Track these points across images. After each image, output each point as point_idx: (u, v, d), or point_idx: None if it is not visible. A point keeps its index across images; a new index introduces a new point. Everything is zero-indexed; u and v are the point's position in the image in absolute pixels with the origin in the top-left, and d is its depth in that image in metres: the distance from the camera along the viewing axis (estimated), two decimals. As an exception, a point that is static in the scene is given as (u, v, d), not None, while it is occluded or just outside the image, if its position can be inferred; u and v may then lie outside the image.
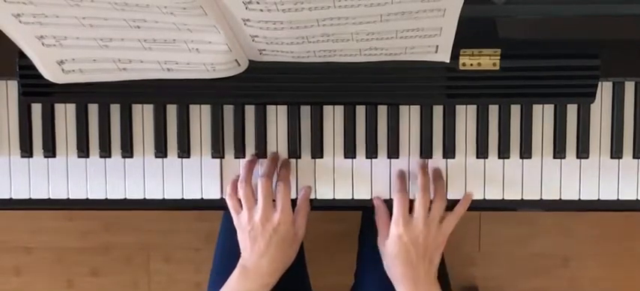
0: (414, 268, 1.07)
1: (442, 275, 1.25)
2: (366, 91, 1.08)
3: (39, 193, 1.15)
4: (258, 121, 1.13)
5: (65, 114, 1.13)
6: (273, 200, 1.09)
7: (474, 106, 1.12)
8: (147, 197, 1.15)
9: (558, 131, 1.12)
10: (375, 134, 1.12)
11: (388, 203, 1.12)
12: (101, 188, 1.14)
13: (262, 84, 1.07)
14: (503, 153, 1.12)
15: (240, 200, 1.10)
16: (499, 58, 1.04)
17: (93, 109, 1.13)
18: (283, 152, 1.13)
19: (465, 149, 1.13)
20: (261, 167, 1.12)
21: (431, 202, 1.09)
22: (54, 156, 1.14)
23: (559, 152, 1.12)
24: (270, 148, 1.13)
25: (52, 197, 1.15)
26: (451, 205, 1.11)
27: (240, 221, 1.10)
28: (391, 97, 1.09)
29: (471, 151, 1.13)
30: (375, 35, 0.95)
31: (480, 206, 1.14)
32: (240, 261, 1.11)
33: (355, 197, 1.14)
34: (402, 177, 1.12)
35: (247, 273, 1.10)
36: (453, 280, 1.32)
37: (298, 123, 1.13)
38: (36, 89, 1.07)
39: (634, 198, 1.13)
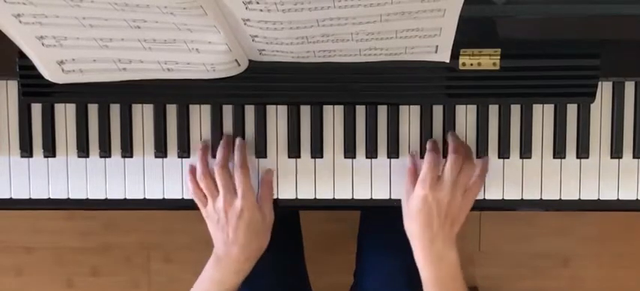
0: (432, 228, 1.05)
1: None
2: (366, 91, 1.08)
3: (39, 193, 1.15)
4: (258, 121, 1.13)
5: (65, 114, 1.13)
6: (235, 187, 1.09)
7: (474, 106, 1.12)
8: (147, 197, 1.15)
9: (558, 131, 1.12)
10: (375, 134, 1.12)
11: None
12: (101, 188, 1.14)
13: (262, 84, 1.07)
14: (503, 153, 1.12)
15: (204, 193, 1.10)
16: (499, 58, 1.04)
17: (93, 109, 1.13)
18: (283, 152, 1.13)
19: (464, 149, 1.13)
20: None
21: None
22: (54, 156, 1.14)
23: (559, 152, 1.12)
24: (270, 148, 1.13)
25: (52, 197, 1.15)
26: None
27: (207, 212, 1.10)
28: (391, 97, 1.09)
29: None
30: (375, 35, 0.95)
31: (479, 206, 1.14)
32: (214, 250, 1.11)
33: (355, 197, 1.14)
34: (435, 140, 1.11)
35: (220, 261, 1.10)
36: (453, 280, 1.32)
37: (298, 123, 1.13)
38: (36, 89, 1.07)
39: (634, 198, 1.13)
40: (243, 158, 1.10)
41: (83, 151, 1.13)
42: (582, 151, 1.12)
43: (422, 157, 1.09)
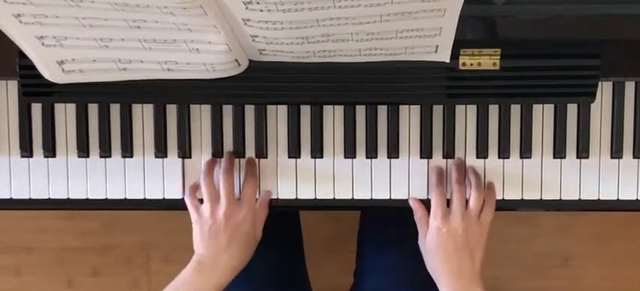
0: (453, 261, 1.06)
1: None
2: (366, 91, 1.08)
3: (39, 193, 1.15)
4: (258, 121, 1.13)
5: (65, 114, 1.13)
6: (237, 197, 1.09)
7: (474, 106, 1.12)
8: (147, 197, 1.15)
9: (558, 131, 1.12)
10: (375, 134, 1.12)
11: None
12: (101, 188, 1.14)
13: (262, 84, 1.07)
14: (503, 153, 1.12)
15: (199, 199, 1.10)
16: (499, 57, 1.04)
17: (93, 109, 1.13)
18: (283, 152, 1.13)
19: (465, 149, 1.13)
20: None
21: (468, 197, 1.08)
22: (54, 156, 1.14)
23: (559, 152, 1.12)
24: (271, 148, 1.13)
25: (52, 197, 1.15)
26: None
27: (202, 215, 1.08)
28: (391, 97, 1.09)
29: (471, 151, 1.13)
30: (375, 35, 0.95)
31: (480, 206, 1.14)
32: (195, 257, 1.09)
33: (355, 197, 1.14)
34: (440, 173, 1.11)
35: (203, 269, 1.08)
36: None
37: (298, 123, 1.13)
38: (36, 89, 1.07)
39: (634, 198, 1.13)
40: (255, 171, 1.11)
41: (83, 151, 1.13)
42: (582, 151, 1.12)
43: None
